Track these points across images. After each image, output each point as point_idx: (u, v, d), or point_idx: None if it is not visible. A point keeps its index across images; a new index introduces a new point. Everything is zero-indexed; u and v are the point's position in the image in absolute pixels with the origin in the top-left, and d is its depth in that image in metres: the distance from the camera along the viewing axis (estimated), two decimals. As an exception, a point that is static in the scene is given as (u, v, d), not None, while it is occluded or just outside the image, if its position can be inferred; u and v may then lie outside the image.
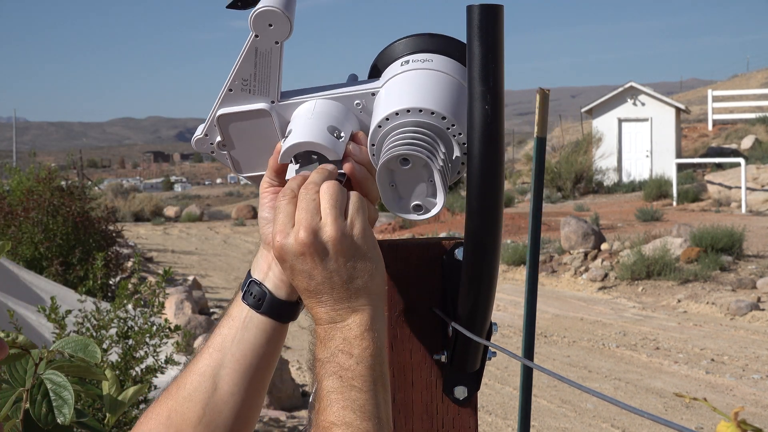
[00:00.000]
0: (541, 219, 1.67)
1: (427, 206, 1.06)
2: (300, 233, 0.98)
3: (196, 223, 27.58)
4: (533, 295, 1.66)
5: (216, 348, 1.10)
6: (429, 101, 1.04)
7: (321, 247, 0.98)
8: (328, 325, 0.99)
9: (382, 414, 0.96)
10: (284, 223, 1.00)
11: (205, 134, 1.14)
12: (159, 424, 1.09)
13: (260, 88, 1.10)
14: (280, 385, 7.28)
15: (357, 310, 0.99)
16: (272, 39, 1.06)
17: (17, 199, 11.26)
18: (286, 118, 1.11)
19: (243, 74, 1.09)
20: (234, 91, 1.10)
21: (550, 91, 1.55)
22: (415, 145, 1.02)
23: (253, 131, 1.12)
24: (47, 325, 5.44)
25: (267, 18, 1.05)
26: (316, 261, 0.98)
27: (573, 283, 13.43)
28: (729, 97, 35.65)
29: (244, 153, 1.14)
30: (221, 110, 1.11)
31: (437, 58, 1.10)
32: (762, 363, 8.58)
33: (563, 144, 31.52)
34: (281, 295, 1.10)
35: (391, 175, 1.04)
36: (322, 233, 0.98)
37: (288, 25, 1.05)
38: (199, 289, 12.41)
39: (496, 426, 6.86)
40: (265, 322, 1.10)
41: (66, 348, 1.47)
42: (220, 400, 1.09)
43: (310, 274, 0.98)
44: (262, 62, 1.08)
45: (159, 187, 67.16)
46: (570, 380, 0.85)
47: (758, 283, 11.75)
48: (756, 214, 18.44)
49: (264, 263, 1.12)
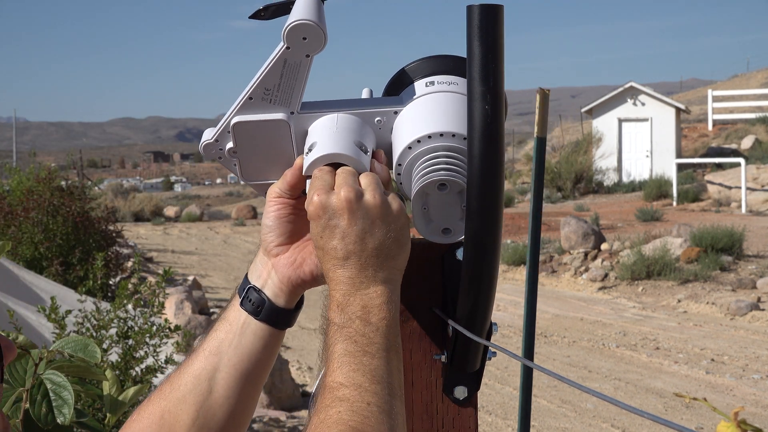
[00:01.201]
0: (541, 219, 1.67)
1: (455, 229, 1.07)
2: (343, 191, 0.98)
3: (196, 223, 27.57)
4: (533, 295, 1.66)
5: (212, 352, 1.10)
6: (461, 126, 1.04)
7: (363, 208, 0.98)
8: (347, 289, 0.98)
9: (394, 381, 0.95)
10: (323, 185, 1.00)
11: (215, 140, 1.11)
12: (151, 423, 1.09)
13: (282, 99, 1.08)
14: (280, 385, 7.27)
15: (380, 280, 0.99)
16: (304, 52, 1.04)
17: (17, 199, 11.26)
18: (304, 130, 1.10)
19: (267, 84, 1.07)
20: (254, 100, 1.08)
21: (550, 91, 1.55)
22: (454, 171, 1.02)
23: (266, 140, 1.10)
24: (47, 325, 5.44)
25: (302, 31, 1.02)
26: (355, 220, 0.98)
27: (573, 283, 13.43)
28: (729, 97, 35.64)
29: (254, 161, 1.12)
30: (238, 118, 1.09)
31: (461, 81, 1.09)
32: (762, 363, 8.58)
33: (563, 144, 31.52)
34: (280, 303, 1.11)
35: (425, 199, 1.04)
36: (366, 196, 0.99)
37: (322, 38, 1.03)
38: (199, 289, 12.41)
39: (496, 426, 6.86)
40: (263, 329, 1.10)
41: (66, 348, 1.47)
42: (215, 403, 1.09)
43: (345, 232, 0.98)
44: (289, 73, 1.06)
45: (159, 187, 67.18)
46: (570, 380, 0.85)
47: (758, 283, 11.75)
48: (756, 214, 18.44)
49: (263, 270, 1.12)
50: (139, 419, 1.10)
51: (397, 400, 0.93)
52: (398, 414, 0.92)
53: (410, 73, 1.13)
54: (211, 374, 1.09)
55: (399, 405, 0.93)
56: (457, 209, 1.05)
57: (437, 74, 1.11)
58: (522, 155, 38.94)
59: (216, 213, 32.59)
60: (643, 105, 27.86)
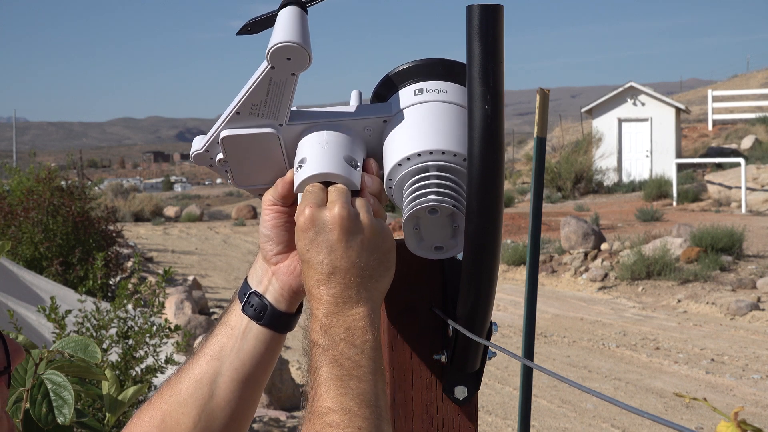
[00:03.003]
0: (541, 219, 1.67)
1: (447, 247, 1.07)
2: (337, 208, 0.99)
3: (196, 223, 27.56)
4: (533, 295, 1.66)
5: (213, 356, 1.11)
6: (450, 142, 1.04)
7: (354, 226, 0.99)
8: (330, 309, 0.98)
9: (381, 404, 0.95)
10: (316, 200, 1.01)
11: (206, 150, 1.12)
12: (153, 427, 1.09)
13: (270, 112, 1.09)
14: (280, 385, 7.27)
15: (363, 301, 0.99)
16: (289, 71, 1.05)
17: (17, 199, 11.25)
18: (293, 140, 1.10)
19: (254, 100, 1.08)
20: (242, 114, 1.09)
21: (550, 91, 1.55)
22: (443, 195, 1.02)
23: (257, 151, 1.11)
24: (47, 325, 5.44)
25: (286, 53, 1.03)
26: (345, 237, 0.98)
27: (573, 283, 13.43)
28: (729, 97, 35.65)
29: (245, 169, 1.13)
30: (227, 132, 1.10)
31: (451, 87, 1.09)
32: (762, 363, 8.57)
33: (563, 144, 31.51)
34: (282, 308, 1.11)
35: (416, 221, 1.05)
36: (359, 217, 1.00)
37: (306, 58, 1.03)
38: (199, 289, 12.40)
39: (496, 426, 6.86)
40: (264, 333, 1.11)
41: (66, 348, 1.47)
42: (217, 406, 1.10)
43: (333, 247, 0.98)
44: (275, 90, 1.07)
45: (159, 187, 67.14)
46: (570, 380, 0.85)
47: (758, 283, 11.75)
48: (756, 214, 18.44)
49: (264, 276, 1.13)
50: (140, 422, 1.10)
51: (384, 423, 0.94)
52: None
53: (398, 78, 1.12)
54: (212, 378, 1.10)
55: (387, 428, 0.94)
56: (448, 230, 1.05)
57: (425, 80, 1.10)
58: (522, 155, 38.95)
59: (216, 213, 32.59)
60: (643, 105, 27.86)
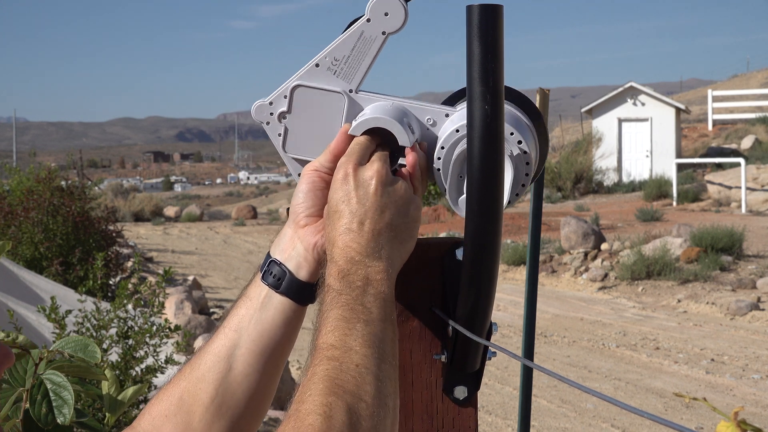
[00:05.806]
0: (541, 219, 1.67)
1: None
2: (377, 165, 1.03)
3: (196, 223, 27.56)
4: (533, 295, 1.66)
5: (232, 328, 1.09)
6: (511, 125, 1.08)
7: (391, 187, 1.03)
8: (353, 256, 1.00)
9: (387, 347, 0.95)
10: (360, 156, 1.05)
11: (270, 102, 1.13)
12: (170, 405, 1.08)
13: (346, 73, 1.10)
14: (280, 384, 7.27)
15: (383, 258, 1.01)
16: (381, 28, 1.07)
17: (17, 199, 11.25)
18: (357, 111, 1.12)
19: (337, 54, 1.09)
20: (320, 67, 1.10)
21: (550, 91, 1.55)
22: None
23: (318, 112, 1.12)
24: (47, 325, 5.44)
25: (386, 6, 1.05)
26: (381, 193, 1.02)
27: (573, 283, 13.43)
28: (729, 97, 35.65)
29: (299, 132, 1.14)
30: (299, 81, 1.11)
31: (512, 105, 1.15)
32: (762, 363, 8.57)
33: (563, 144, 31.51)
34: (302, 276, 1.10)
35: (463, 166, 1.07)
36: (397, 180, 1.04)
37: (403, 18, 1.06)
38: (199, 289, 12.40)
39: (496, 426, 6.86)
40: (283, 303, 1.09)
41: (66, 348, 1.47)
42: (234, 381, 1.08)
43: (367, 198, 1.01)
44: (361, 48, 1.08)
45: (159, 187, 67.15)
46: (570, 380, 0.85)
47: (758, 283, 11.75)
48: (756, 214, 18.44)
49: (288, 243, 1.12)
50: (158, 402, 1.09)
51: (387, 364, 0.94)
52: (387, 378, 0.93)
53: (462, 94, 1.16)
54: (230, 351, 1.08)
55: (389, 370, 0.94)
56: None
57: None
58: (522, 155, 38.85)
59: (216, 213, 32.59)
60: (643, 105, 27.86)
